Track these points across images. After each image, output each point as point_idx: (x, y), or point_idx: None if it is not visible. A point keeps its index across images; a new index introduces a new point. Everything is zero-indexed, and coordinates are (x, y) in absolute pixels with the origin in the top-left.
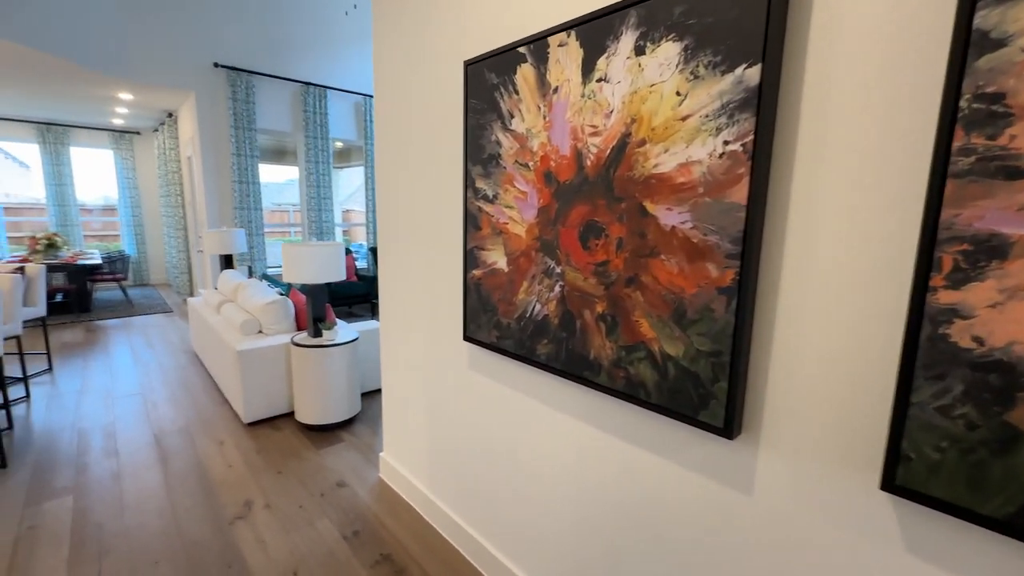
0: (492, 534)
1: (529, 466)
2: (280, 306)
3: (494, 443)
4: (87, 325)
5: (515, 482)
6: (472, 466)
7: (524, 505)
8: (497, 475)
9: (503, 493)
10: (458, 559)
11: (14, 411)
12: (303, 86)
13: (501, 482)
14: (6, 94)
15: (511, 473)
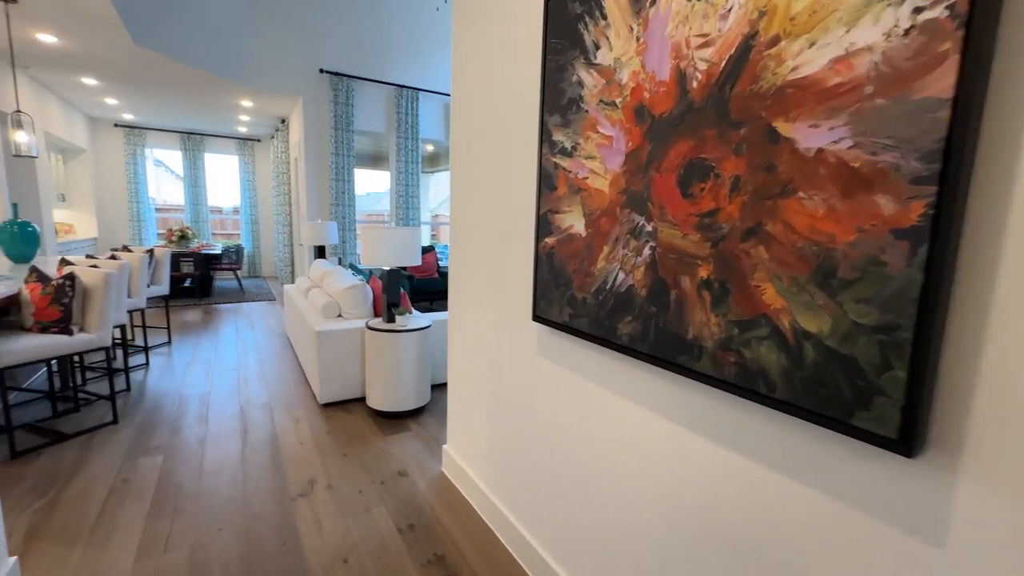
0: (558, 551)
1: (606, 475)
2: (359, 291)
3: (564, 444)
4: (205, 307)
5: (588, 494)
6: (538, 469)
7: (598, 521)
8: (567, 483)
9: (573, 505)
10: (518, 573)
11: (134, 376)
12: (397, 89)
13: (571, 492)
14: (156, 106)
15: (583, 483)
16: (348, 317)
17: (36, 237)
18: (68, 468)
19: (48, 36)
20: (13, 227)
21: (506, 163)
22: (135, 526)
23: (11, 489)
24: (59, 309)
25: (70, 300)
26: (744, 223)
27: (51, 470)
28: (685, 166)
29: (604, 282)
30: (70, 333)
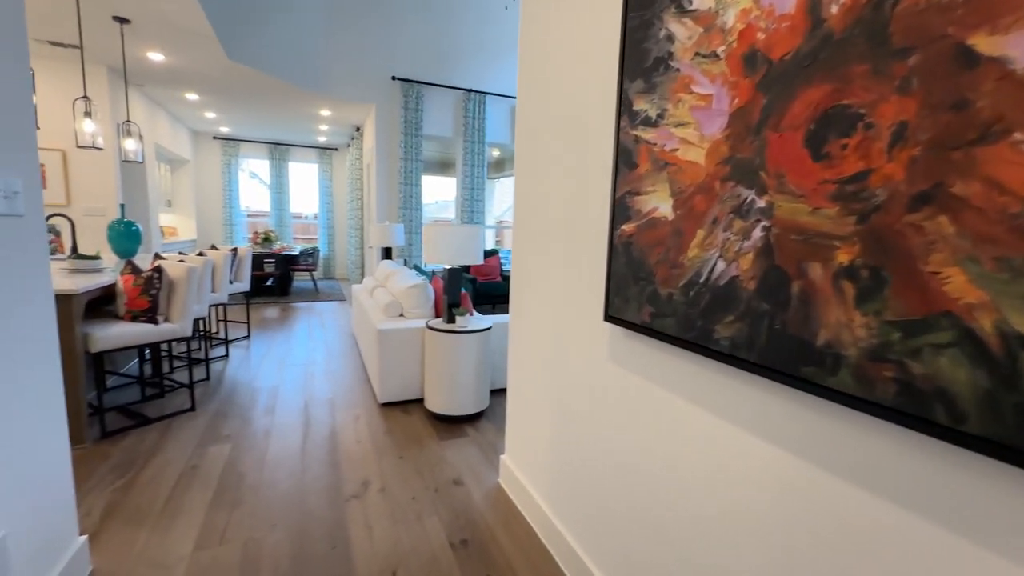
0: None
1: (692, 509)
2: (420, 290)
3: (639, 467)
4: (283, 306)
5: (668, 528)
6: (608, 494)
7: (680, 563)
8: (642, 513)
9: (651, 542)
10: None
11: (215, 367)
12: (465, 93)
13: (647, 524)
14: (248, 118)
15: (663, 514)
16: (410, 317)
17: (139, 235)
18: (147, 450)
19: (156, 54)
20: (120, 225)
21: (575, 144)
22: (197, 514)
23: (97, 467)
24: (148, 299)
25: (157, 291)
26: (913, 186)
27: (133, 451)
28: (817, 119)
29: (697, 274)
30: (156, 322)
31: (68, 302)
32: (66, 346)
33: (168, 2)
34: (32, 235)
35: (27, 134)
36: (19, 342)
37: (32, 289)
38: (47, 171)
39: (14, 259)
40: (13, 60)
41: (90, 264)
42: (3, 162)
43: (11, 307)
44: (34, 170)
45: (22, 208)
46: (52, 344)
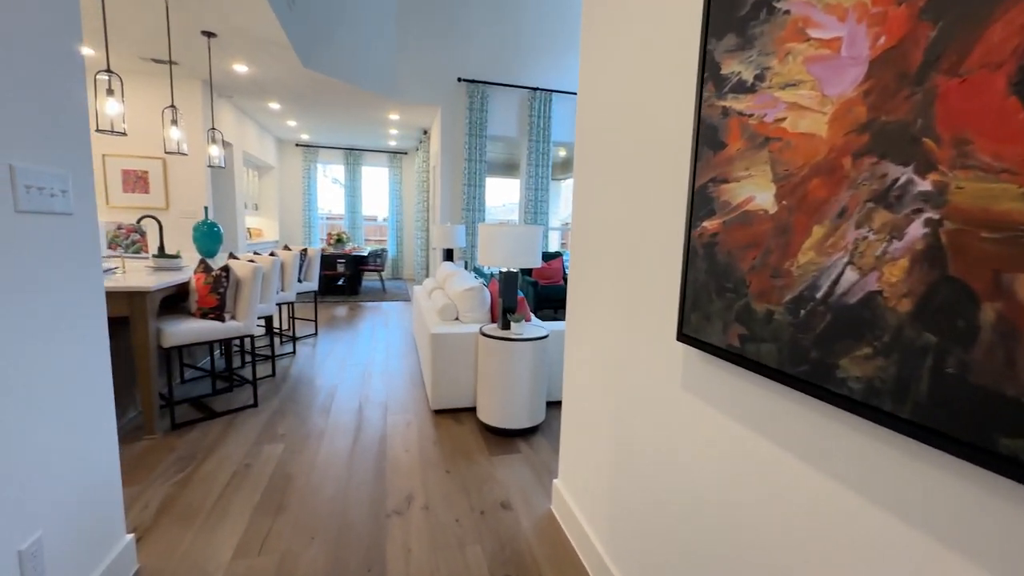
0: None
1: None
2: (476, 293)
3: (723, 526)
4: (351, 304)
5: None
6: (678, 549)
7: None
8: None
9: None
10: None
11: (282, 363)
12: (531, 91)
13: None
14: (324, 125)
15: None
16: (465, 321)
17: (220, 236)
18: (209, 445)
19: (241, 66)
20: (203, 227)
21: (642, 128)
22: (242, 517)
23: (163, 458)
24: (216, 297)
25: (225, 290)
26: None
27: (196, 444)
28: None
29: (812, 287)
30: (223, 320)
31: (143, 299)
32: (140, 340)
33: (248, 15)
34: (81, 234)
35: (77, 133)
36: (67, 341)
37: (81, 288)
38: (150, 177)
39: (62, 258)
40: (62, 57)
41: (171, 263)
42: (50, 160)
43: (60, 307)
44: (84, 169)
45: (71, 206)
46: (101, 342)
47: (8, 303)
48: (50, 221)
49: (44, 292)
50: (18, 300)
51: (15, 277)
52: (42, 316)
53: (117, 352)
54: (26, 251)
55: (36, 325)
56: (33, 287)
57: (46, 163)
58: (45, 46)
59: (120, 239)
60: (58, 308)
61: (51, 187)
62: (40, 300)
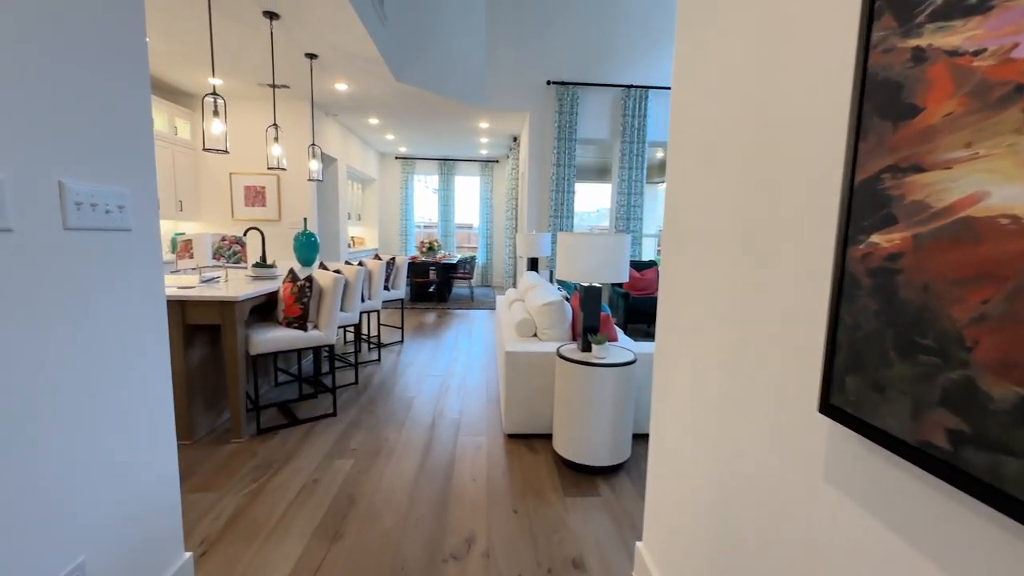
0: None
1: None
2: (556, 309)
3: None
4: (439, 312)
5: None
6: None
7: None
8: None
9: None
10: None
11: (365, 371)
12: (624, 90)
13: None
14: (419, 137)
15: None
16: (544, 338)
17: (316, 246)
18: (286, 453)
19: (341, 84)
20: (302, 236)
21: (766, 101)
22: (300, 540)
23: (243, 463)
24: (300, 307)
25: (308, 300)
26: None
27: (275, 452)
28: None
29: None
30: (305, 329)
31: (232, 308)
32: (229, 347)
33: (343, 34)
34: (142, 249)
35: (140, 150)
36: (123, 356)
37: (140, 303)
38: (266, 192)
39: (119, 273)
40: (124, 74)
41: (267, 272)
42: (107, 177)
43: (116, 323)
44: (147, 186)
45: (130, 222)
46: (160, 357)
47: (57, 320)
48: (105, 237)
49: (98, 308)
50: (68, 317)
51: (64, 293)
52: (95, 332)
53: (215, 357)
54: (77, 267)
55: (89, 340)
56: (84, 303)
57: (103, 180)
58: (107, 64)
59: (223, 250)
60: (114, 324)
61: (106, 203)
62: (93, 316)
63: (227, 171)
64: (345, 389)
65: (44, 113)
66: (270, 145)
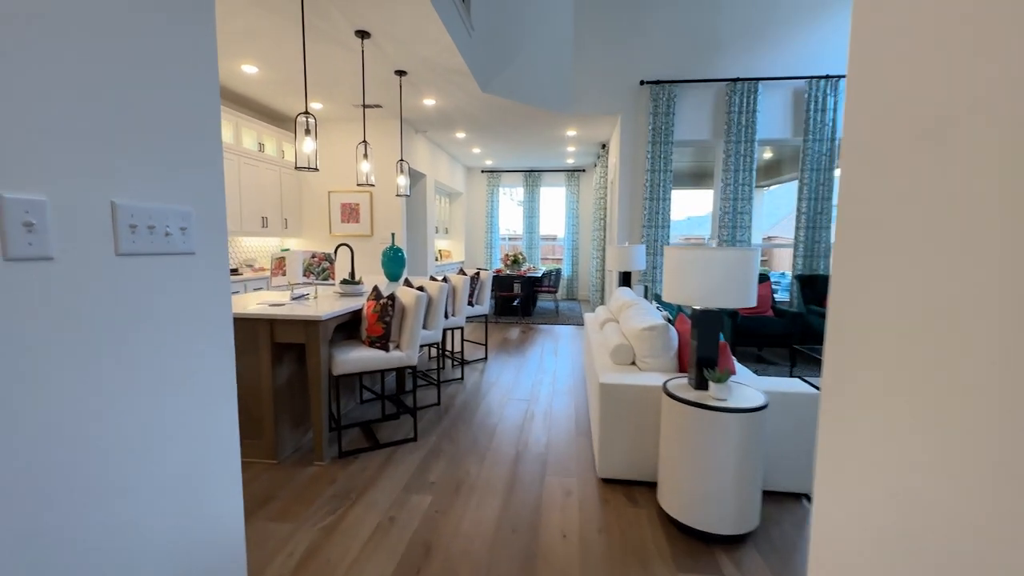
0: None
1: None
2: (659, 335)
3: None
4: (524, 327)
5: None
6: None
7: None
8: None
9: None
10: None
11: (448, 390)
12: (728, 84)
13: None
14: (505, 148)
15: None
16: (644, 368)
17: (403, 261)
18: (364, 482)
19: (429, 99)
20: (390, 252)
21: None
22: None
23: (323, 491)
24: (382, 326)
25: (390, 319)
26: None
27: (354, 479)
28: None
29: None
30: (387, 349)
31: (315, 327)
32: (312, 367)
33: (431, 48)
34: (206, 273)
35: (206, 167)
36: (186, 394)
37: (203, 331)
38: (360, 208)
39: (180, 300)
40: (191, 85)
41: (354, 289)
42: (168, 196)
43: (174, 354)
44: (213, 205)
45: (193, 245)
46: (228, 392)
47: (107, 354)
48: (165, 263)
49: (153, 339)
50: (119, 350)
51: (115, 328)
52: (151, 366)
53: (302, 375)
54: (130, 298)
55: (145, 378)
56: (138, 334)
57: (162, 198)
58: (167, 67)
59: (313, 267)
60: (174, 358)
61: (166, 225)
62: (149, 348)
63: (326, 190)
64: (427, 410)
65: (95, 124)
66: (359, 162)
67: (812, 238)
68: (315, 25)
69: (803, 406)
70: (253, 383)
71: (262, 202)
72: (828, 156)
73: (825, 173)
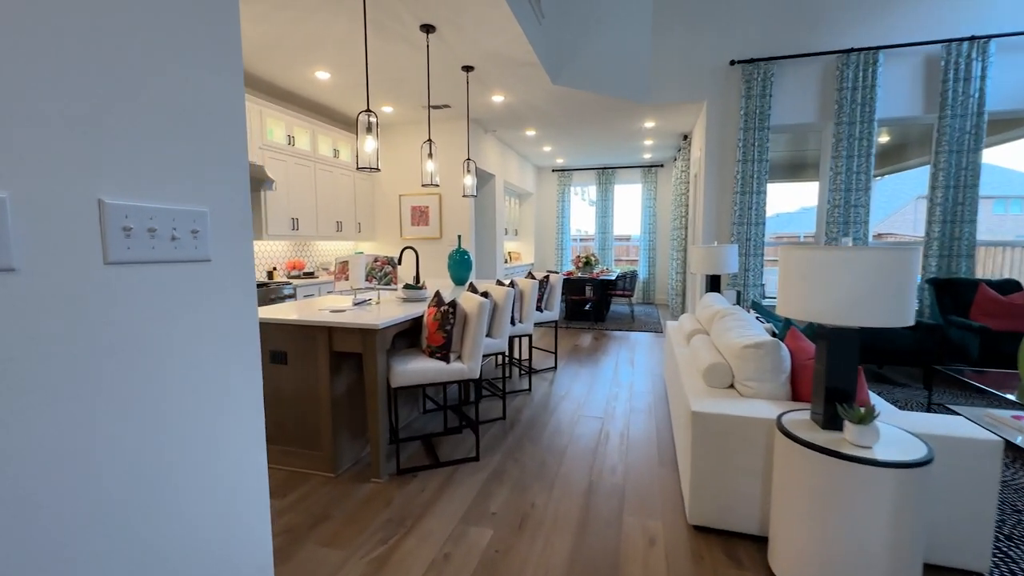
0: None
1: None
2: (767, 354)
3: None
4: (596, 333)
5: None
6: None
7: None
8: None
9: None
10: None
11: (514, 402)
12: (840, 57)
13: None
14: (577, 145)
15: None
16: (746, 393)
17: (470, 264)
18: (420, 507)
19: (498, 96)
20: (456, 255)
21: None
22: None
23: (377, 513)
24: (443, 335)
25: (451, 327)
26: None
27: (411, 502)
28: None
29: None
30: (447, 360)
31: (372, 336)
32: (369, 379)
33: (499, 38)
34: (225, 284)
35: (226, 162)
36: (200, 425)
37: (222, 350)
38: (429, 211)
39: (192, 315)
40: (209, 67)
41: (417, 294)
42: (175, 191)
43: (185, 380)
44: (232, 201)
45: (208, 251)
46: (255, 418)
47: (89, 386)
48: (171, 272)
49: (153, 364)
50: (105, 380)
51: (101, 348)
52: (149, 398)
53: (362, 385)
54: (125, 313)
55: (134, 410)
56: (134, 358)
57: (168, 196)
58: (188, 50)
59: (376, 271)
60: (184, 386)
61: (172, 228)
62: (145, 375)
63: (397, 193)
64: (491, 425)
65: (78, 104)
66: (424, 161)
67: (949, 234)
68: (380, 22)
69: (976, 455)
70: (311, 392)
71: (336, 207)
72: (973, 135)
73: (968, 156)
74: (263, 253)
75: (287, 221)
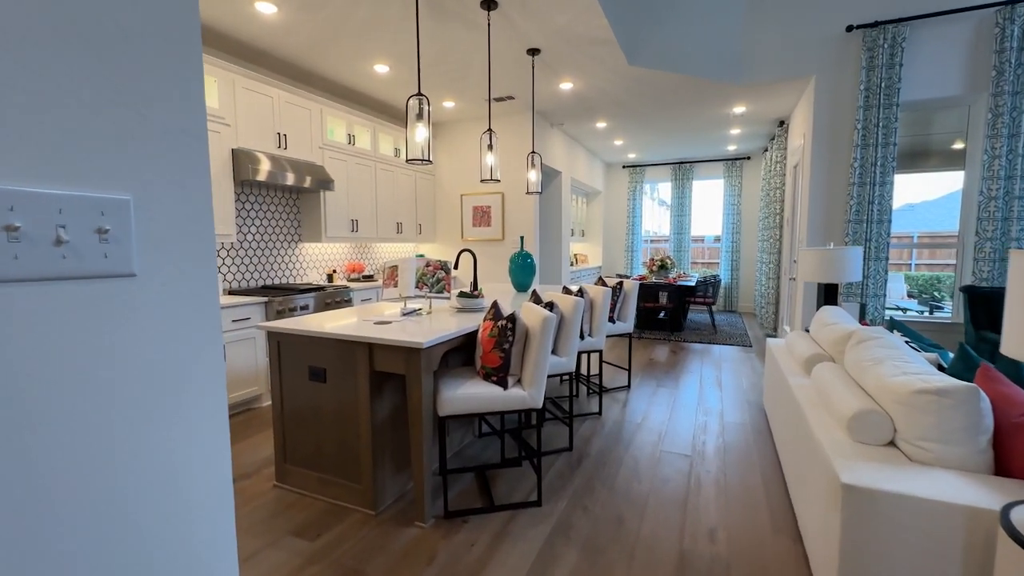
0: None
1: None
2: (957, 404)
3: None
4: (674, 345)
5: None
6: None
7: None
8: None
9: None
10: None
11: (582, 428)
12: (1000, 11)
13: None
14: (652, 137)
15: None
16: (920, 457)
17: (533, 268)
18: (468, 568)
19: (566, 83)
20: (518, 258)
21: None
22: None
23: (417, 573)
24: (500, 355)
25: (510, 346)
26: None
27: (457, 559)
28: None
29: None
30: (505, 385)
31: (416, 357)
32: (413, 406)
33: (568, 11)
34: (159, 311)
35: (165, 123)
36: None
37: (158, 414)
38: (491, 211)
39: (107, 379)
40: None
41: (473, 304)
42: (72, 172)
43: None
44: (179, 192)
45: (131, 259)
46: (223, 463)
47: None
48: (52, 297)
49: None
50: None
51: None
52: None
53: (406, 410)
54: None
55: None
56: None
57: (58, 177)
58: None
59: (427, 277)
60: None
61: (52, 227)
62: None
63: (458, 193)
64: (555, 457)
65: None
66: (484, 154)
67: None
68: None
69: None
70: (351, 416)
71: (396, 208)
72: None
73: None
74: (322, 256)
75: (347, 223)
